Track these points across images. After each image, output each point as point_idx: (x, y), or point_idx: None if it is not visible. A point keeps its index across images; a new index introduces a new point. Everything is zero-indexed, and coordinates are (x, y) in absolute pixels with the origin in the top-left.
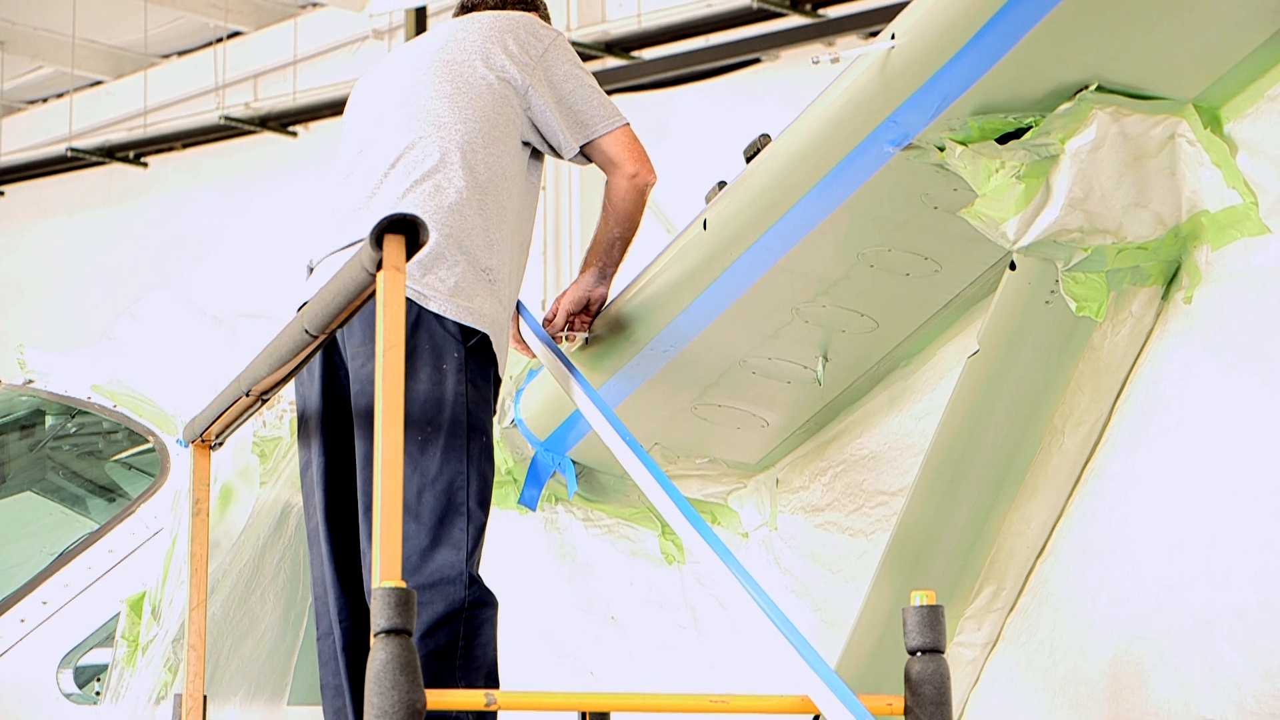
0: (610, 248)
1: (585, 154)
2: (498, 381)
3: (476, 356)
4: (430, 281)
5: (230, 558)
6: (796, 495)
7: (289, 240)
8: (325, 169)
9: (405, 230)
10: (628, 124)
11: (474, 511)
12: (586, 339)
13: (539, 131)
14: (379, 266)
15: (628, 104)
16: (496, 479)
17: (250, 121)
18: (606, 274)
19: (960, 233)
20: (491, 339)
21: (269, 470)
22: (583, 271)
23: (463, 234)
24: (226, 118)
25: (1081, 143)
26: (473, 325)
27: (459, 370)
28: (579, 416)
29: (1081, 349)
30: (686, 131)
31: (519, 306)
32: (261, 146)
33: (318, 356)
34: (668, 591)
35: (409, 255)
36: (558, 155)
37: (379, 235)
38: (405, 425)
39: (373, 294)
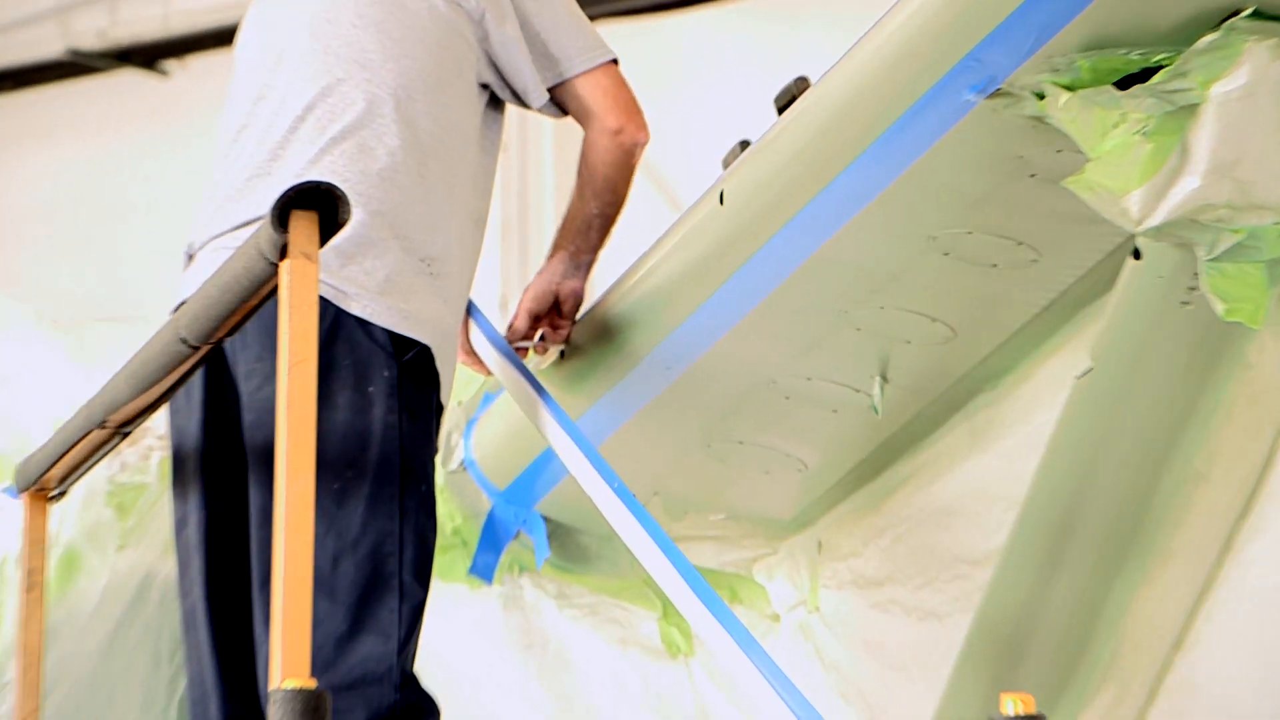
0: (587, 227)
1: (557, 101)
2: (441, 409)
3: (413, 375)
4: (353, 274)
5: (75, 648)
6: (845, 564)
7: (158, 216)
8: (209, 121)
9: (319, 204)
10: (613, 61)
11: (408, 586)
12: (562, 351)
13: (499, 71)
14: (283, 253)
15: (615, 34)
16: (440, 540)
17: (105, 55)
18: (582, 262)
19: (1065, 210)
20: (434, 351)
21: (130, 529)
22: (550, 258)
23: (397, 210)
24: (73, 51)
25: (1230, 87)
26: (409, 333)
27: (390, 394)
28: (551, 456)
29: (1233, 367)
30: (696, 73)
31: (470, 308)
32: (120, 89)
33: (199, 376)
34: (671, 695)
35: (324, 239)
36: (523, 104)
37: (283, 211)
38: (318, 469)
39: (274, 290)
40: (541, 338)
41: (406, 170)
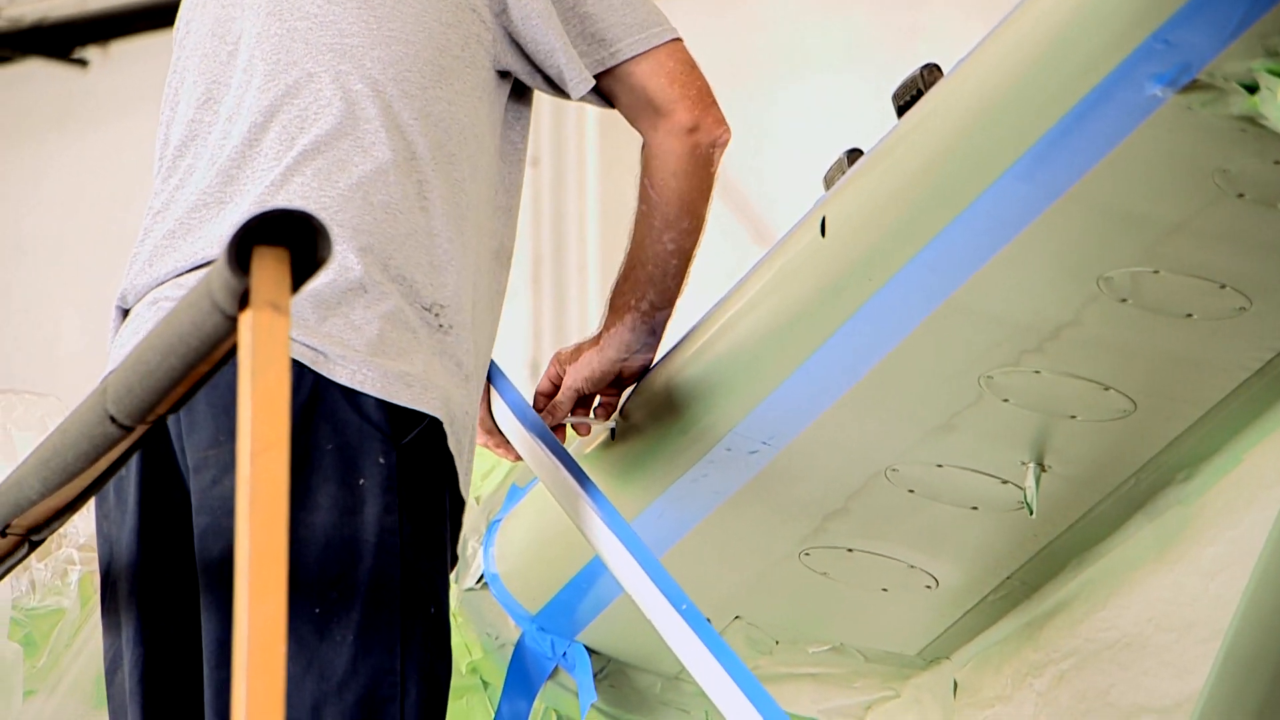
0: (661, 273)
1: (605, 90)
2: (459, 506)
3: (418, 462)
4: (335, 329)
5: None
6: (990, 712)
7: (74, 252)
8: (141, 126)
9: (290, 238)
10: (679, 39)
11: None
12: (613, 430)
13: (524, 52)
14: (243, 303)
15: (680, 11)
16: (455, 679)
17: (5, 40)
18: (657, 323)
19: None
20: (446, 427)
21: (42, 669)
22: (611, 322)
23: (390, 243)
24: None
25: None
26: (410, 404)
27: (386, 488)
28: (598, 569)
29: None
30: (787, 62)
31: (491, 371)
32: (25, 83)
33: (133, 467)
34: None
35: (297, 283)
36: (561, 93)
37: (242, 247)
38: (293, 589)
39: (232, 352)
40: (585, 411)
41: (401, 190)
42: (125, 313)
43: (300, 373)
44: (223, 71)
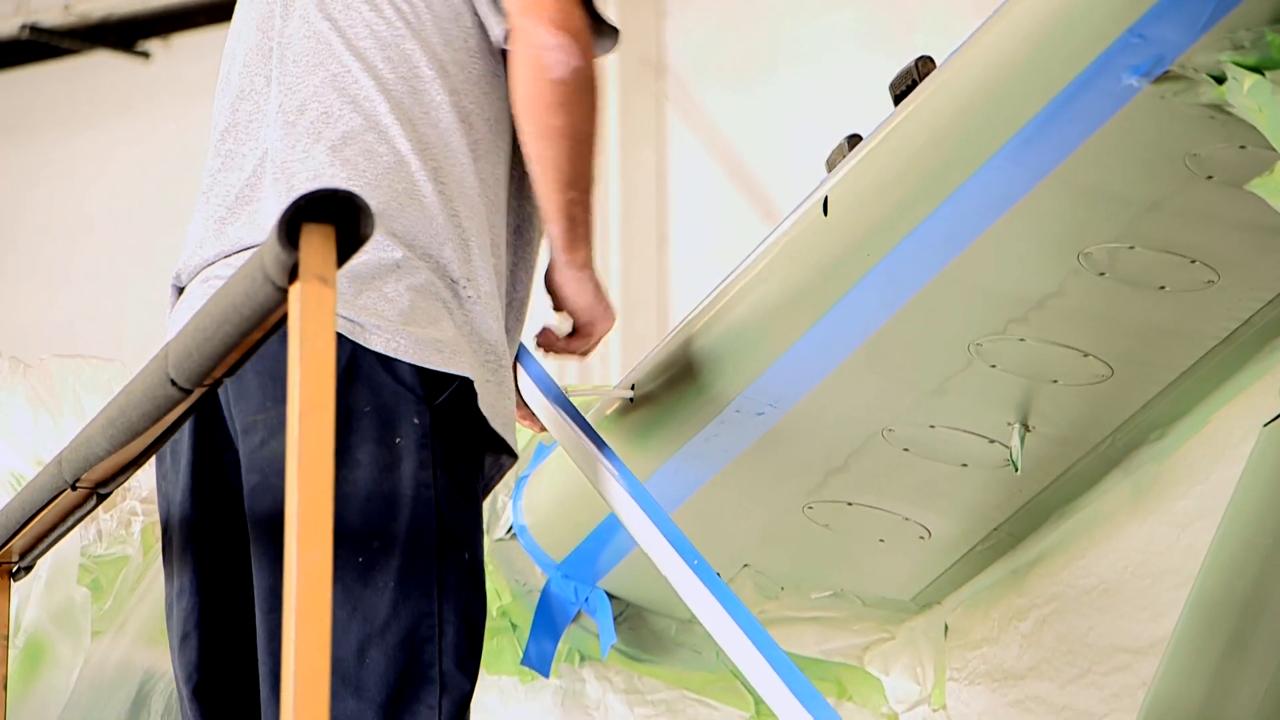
0: (538, 183)
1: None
2: (497, 462)
3: (450, 420)
4: (369, 302)
5: None
6: (978, 653)
7: (139, 230)
8: (199, 114)
9: (336, 216)
10: None
11: (451, 677)
12: (630, 397)
13: None
14: (293, 276)
15: (690, 5)
16: (488, 623)
17: (72, 34)
18: (556, 242)
19: (1250, 220)
20: (478, 389)
21: (108, 612)
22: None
23: (415, 226)
24: (33, 28)
25: None
26: (443, 369)
27: (420, 446)
28: (615, 523)
29: None
30: (792, 52)
31: (519, 350)
32: (90, 75)
33: (186, 430)
34: None
35: (342, 258)
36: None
37: (292, 224)
38: (338, 540)
39: (282, 322)
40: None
41: (422, 177)
42: (180, 290)
43: (340, 342)
44: (262, 64)
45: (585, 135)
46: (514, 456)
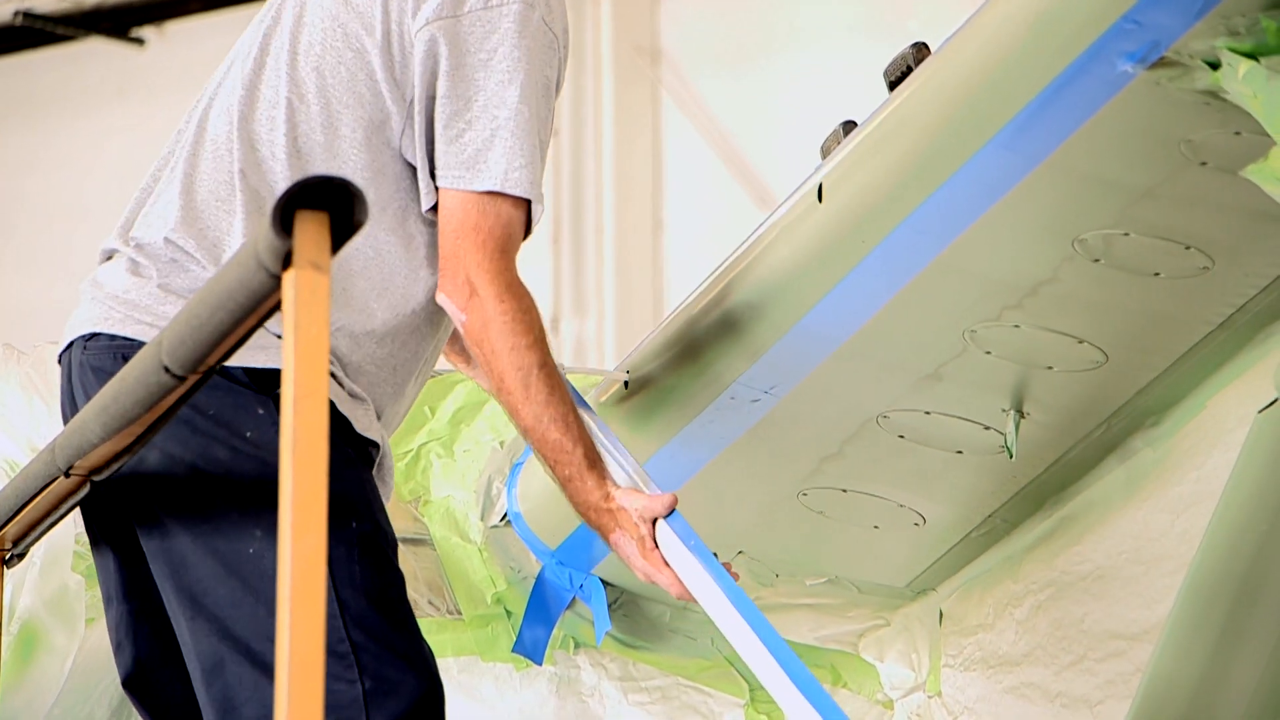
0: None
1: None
2: (359, 440)
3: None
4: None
5: None
6: (973, 639)
7: None
8: (193, 101)
9: (330, 202)
10: (491, 192)
11: (364, 648)
12: (626, 382)
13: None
14: (286, 263)
15: None
16: (481, 610)
17: (66, 21)
18: (562, 476)
19: (1244, 206)
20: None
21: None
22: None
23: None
24: (26, 14)
25: None
26: (268, 365)
27: (271, 436)
28: None
29: None
30: (787, 39)
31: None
32: (85, 62)
33: None
34: None
35: (336, 245)
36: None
37: (285, 211)
38: (229, 539)
39: (277, 307)
40: None
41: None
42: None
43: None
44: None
45: (513, 381)
46: (376, 440)
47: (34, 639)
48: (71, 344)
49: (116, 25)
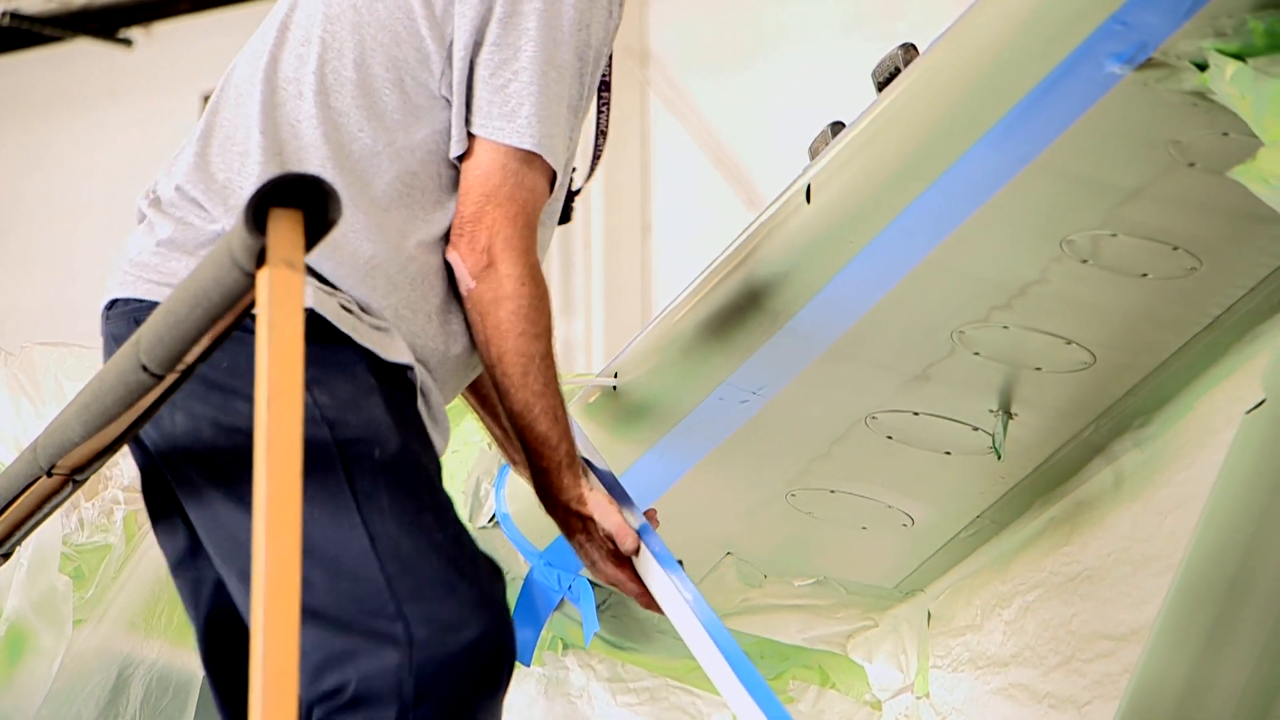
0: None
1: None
2: (387, 374)
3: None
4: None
5: None
6: (961, 640)
7: (120, 217)
8: (179, 100)
9: (304, 200)
10: (530, 151)
11: (398, 572)
12: (614, 386)
13: None
14: (260, 261)
15: None
16: None
17: (54, 21)
18: (536, 468)
19: (1232, 206)
20: (320, 313)
21: (90, 600)
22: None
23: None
24: (14, 15)
25: None
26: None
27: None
28: None
29: None
30: (776, 40)
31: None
32: (73, 62)
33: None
34: None
35: (310, 243)
36: None
37: (259, 209)
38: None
39: (252, 305)
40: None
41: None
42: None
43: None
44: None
45: (512, 365)
46: (407, 363)
47: (21, 640)
48: (105, 319)
49: (104, 26)
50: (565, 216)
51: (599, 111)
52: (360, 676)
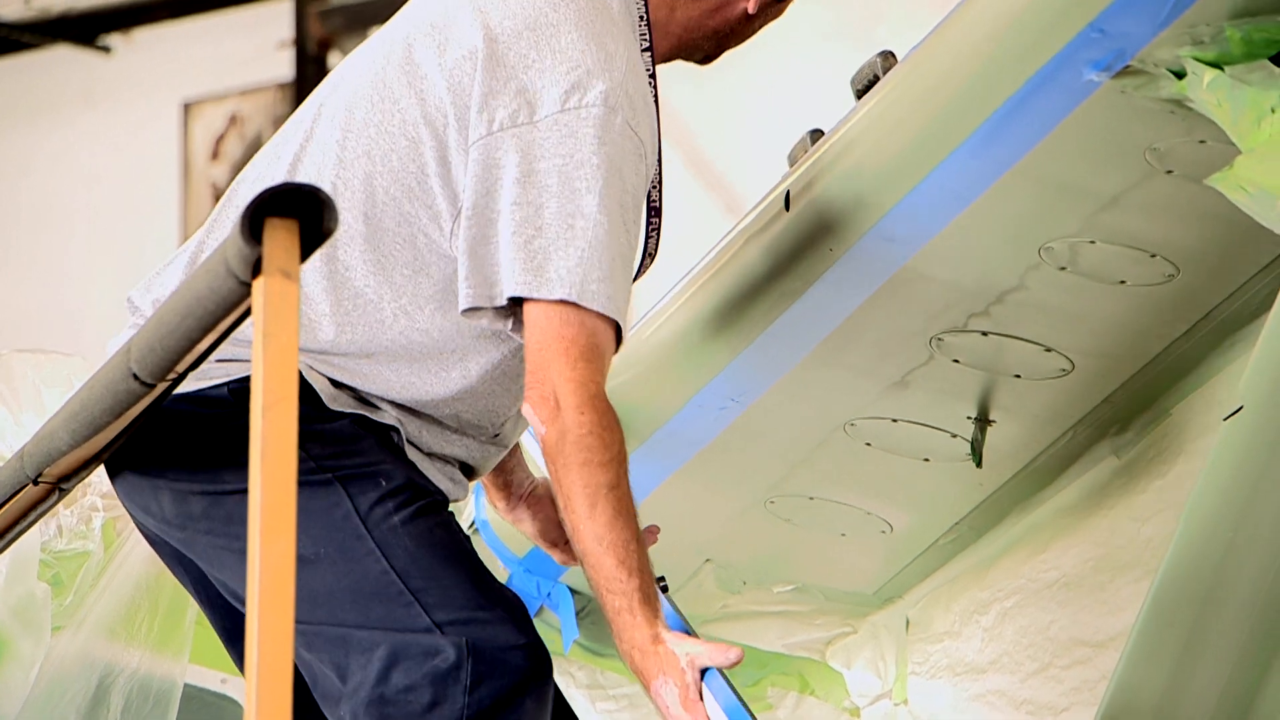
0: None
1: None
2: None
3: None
4: None
5: None
6: (940, 647)
7: (99, 224)
8: (159, 108)
9: (300, 210)
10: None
11: (422, 590)
12: None
13: None
14: (256, 271)
15: None
16: None
17: (32, 28)
18: (618, 607)
19: (1210, 214)
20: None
21: (69, 607)
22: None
23: None
24: None
25: None
26: (244, 373)
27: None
28: None
29: None
30: (755, 47)
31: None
32: (51, 70)
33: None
34: None
35: (306, 253)
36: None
37: (254, 218)
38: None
39: (246, 314)
40: None
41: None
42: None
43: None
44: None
45: (579, 499)
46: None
47: (0, 647)
48: None
49: (83, 33)
50: None
51: (647, 236)
52: (423, 675)
